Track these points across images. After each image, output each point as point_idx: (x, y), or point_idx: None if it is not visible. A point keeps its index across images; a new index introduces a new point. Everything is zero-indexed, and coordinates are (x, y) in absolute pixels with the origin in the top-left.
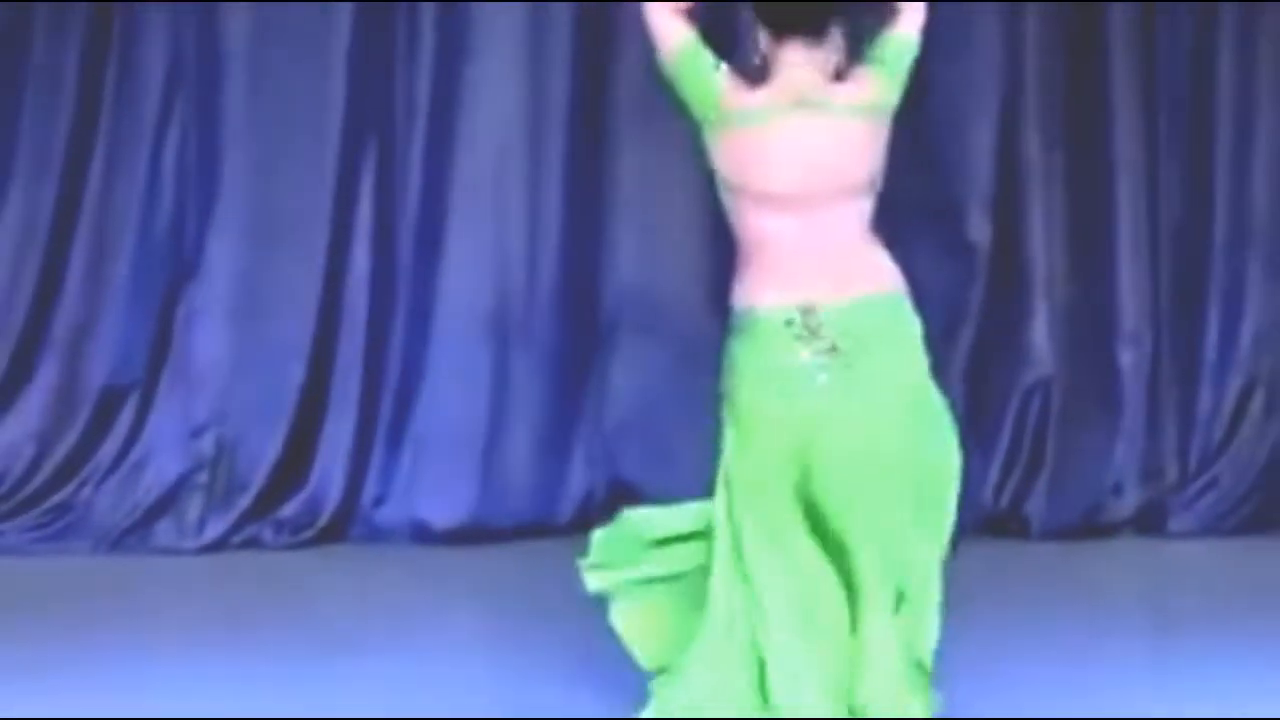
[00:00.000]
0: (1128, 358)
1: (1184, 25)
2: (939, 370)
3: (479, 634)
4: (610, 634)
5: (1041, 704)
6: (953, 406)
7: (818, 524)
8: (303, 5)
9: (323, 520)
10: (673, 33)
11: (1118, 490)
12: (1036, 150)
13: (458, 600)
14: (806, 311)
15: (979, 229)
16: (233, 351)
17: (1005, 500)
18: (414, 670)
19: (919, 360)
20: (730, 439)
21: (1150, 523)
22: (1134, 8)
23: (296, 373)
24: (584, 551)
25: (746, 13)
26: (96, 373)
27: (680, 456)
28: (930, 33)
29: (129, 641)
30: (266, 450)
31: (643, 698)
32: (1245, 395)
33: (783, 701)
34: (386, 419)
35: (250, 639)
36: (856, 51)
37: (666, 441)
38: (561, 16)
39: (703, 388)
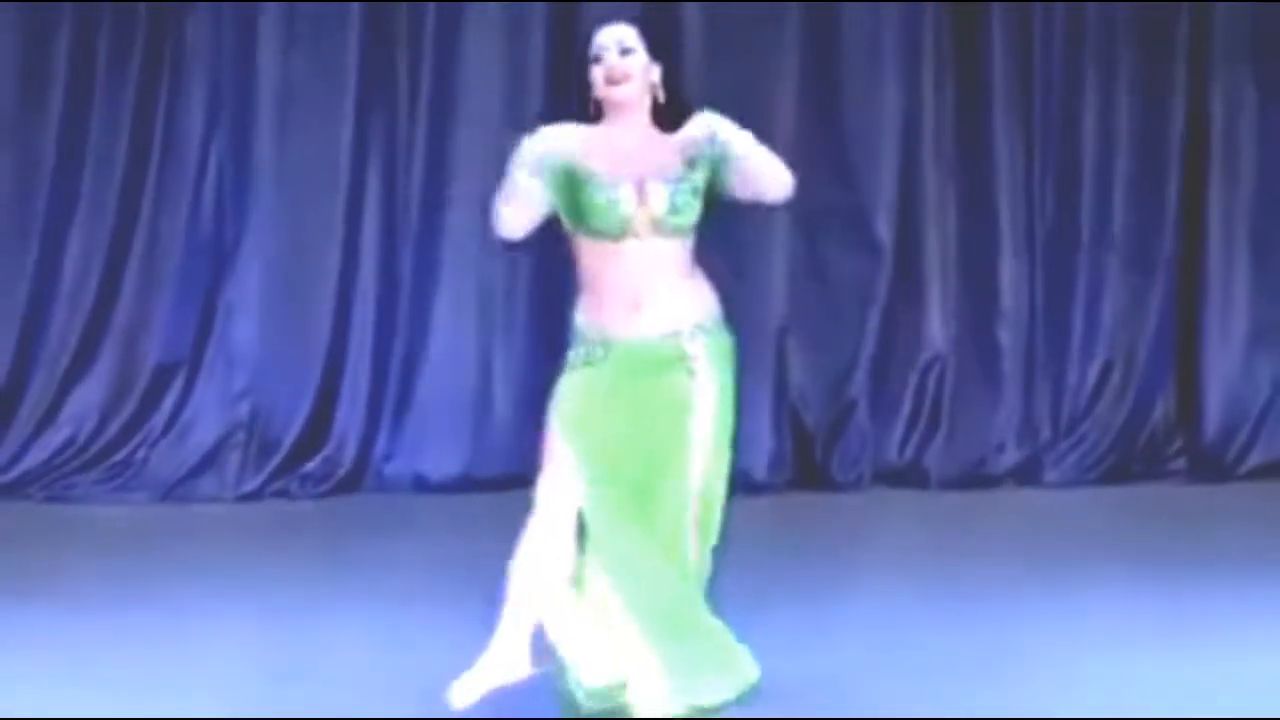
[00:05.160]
0: (1008, 338)
1: (1056, 67)
2: (852, 349)
3: (468, 566)
4: None
5: (939, 627)
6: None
7: None
8: (318, 65)
9: (340, 474)
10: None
11: (1001, 448)
12: (931, 164)
13: (452, 539)
14: None
15: (884, 231)
16: (264, 336)
17: (908, 455)
18: (413, 592)
19: None
20: None
21: (1028, 474)
22: (1014, 50)
23: (317, 353)
24: None
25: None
26: (151, 353)
27: None
28: (848, 74)
29: (179, 574)
30: (293, 416)
31: None
32: (1106, 370)
33: None
34: (393, 391)
35: (279, 573)
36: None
37: None
38: (536, 77)
39: None
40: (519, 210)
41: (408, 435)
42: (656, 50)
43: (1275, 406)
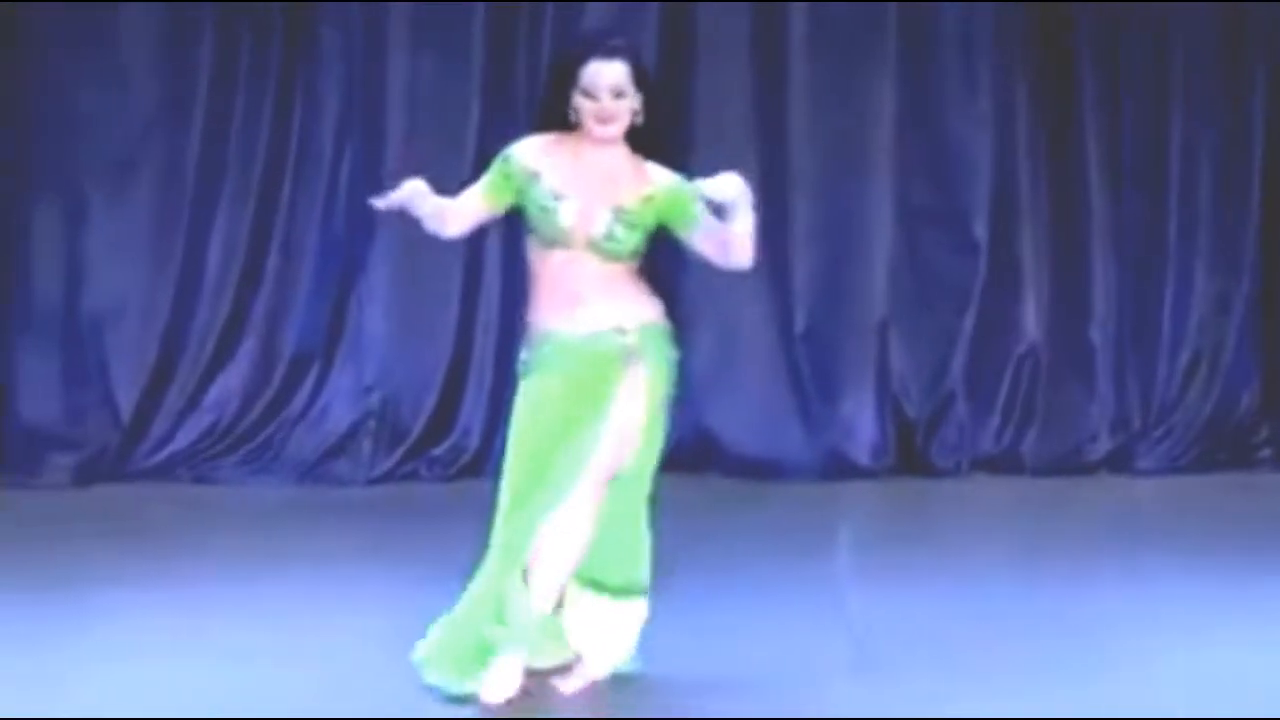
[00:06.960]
0: (1099, 334)
1: (1141, 78)
2: (950, 342)
3: None
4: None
5: (1035, 606)
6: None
7: None
8: (444, 67)
9: (465, 459)
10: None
11: (1094, 437)
12: (1025, 168)
13: None
14: None
15: (981, 232)
16: (393, 330)
17: (1005, 444)
18: None
19: None
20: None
21: (1120, 462)
22: (1101, 59)
23: (445, 345)
24: None
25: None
26: (288, 344)
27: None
28: (943, 82)
29: (314, 551)
30: (421, 405)
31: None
32: (1193, 364)
33: None
34: (515, 383)
35: (406, 551)
36: None
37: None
38: None
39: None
40: (457, 216)
41: None
42: (643, 73)
43: None
